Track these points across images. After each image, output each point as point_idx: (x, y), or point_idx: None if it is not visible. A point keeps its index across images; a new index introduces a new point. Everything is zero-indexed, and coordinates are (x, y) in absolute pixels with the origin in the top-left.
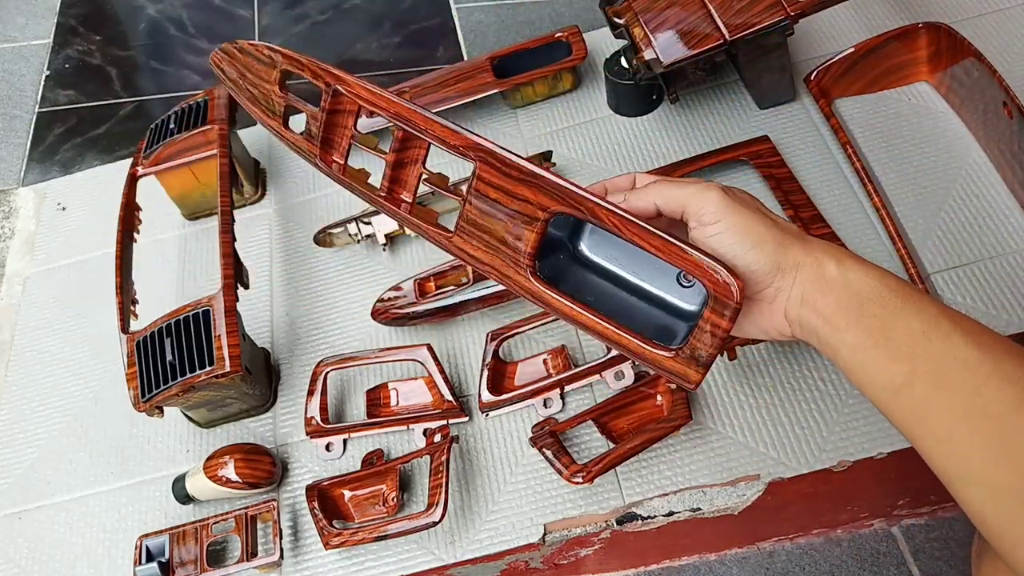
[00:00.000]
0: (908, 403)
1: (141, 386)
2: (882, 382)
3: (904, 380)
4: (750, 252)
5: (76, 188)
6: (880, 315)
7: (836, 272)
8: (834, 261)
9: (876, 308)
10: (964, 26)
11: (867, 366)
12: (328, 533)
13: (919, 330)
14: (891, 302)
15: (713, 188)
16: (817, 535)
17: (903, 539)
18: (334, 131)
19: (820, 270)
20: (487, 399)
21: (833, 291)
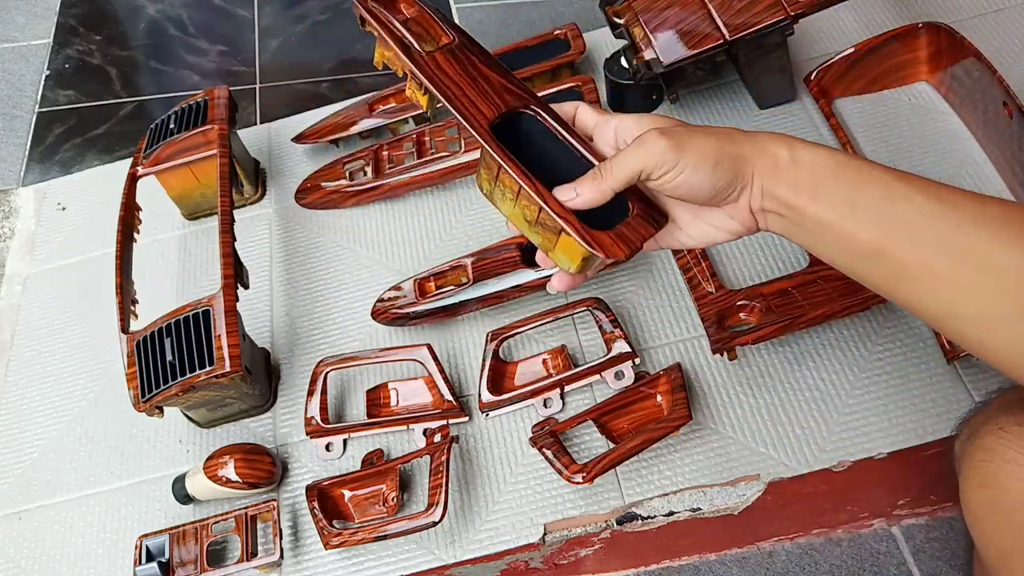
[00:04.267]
0: (886, 264)
1: (141, 386)
2: (856, 250)
3: (877, 245)
4: (711, 176)
5: (76, 188)
6: (840, 189)
7: (789, 159)
8: (784, 147)
9: (833, 184)
10: (964, 26)
11: (839, 239)
12: (328, 533)
13: (881, 195)
14: (844, 176)
15: (654, 138)
16: (817, 535)
17: (903, 539)
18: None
19: (775, 160)
20: (487, 399)
21: (789, 177)
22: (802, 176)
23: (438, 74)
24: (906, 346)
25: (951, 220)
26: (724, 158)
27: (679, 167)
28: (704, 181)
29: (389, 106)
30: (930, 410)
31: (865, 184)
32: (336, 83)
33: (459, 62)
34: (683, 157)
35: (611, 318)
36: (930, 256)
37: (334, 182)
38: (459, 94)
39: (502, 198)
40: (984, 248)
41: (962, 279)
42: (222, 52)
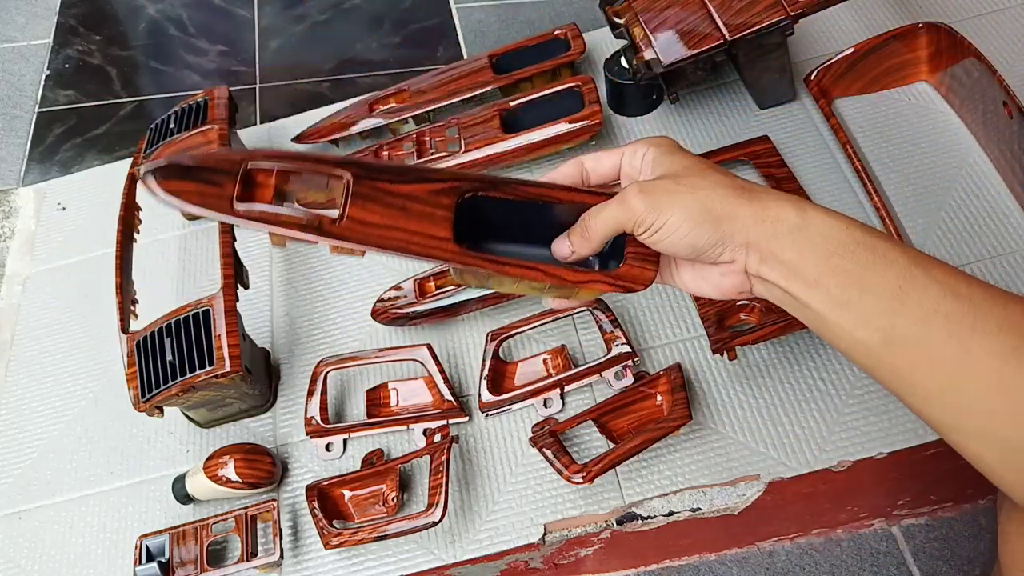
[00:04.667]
0: (891, 361)
1: (141, 386)
2: (860, 339)
3: (884, 338)
4: (691, 235)
5: (76, 188)
6: (850, 269)
7: (797, 225)
8: (794, 212)
9: (843, 262)
10: (964, 26)
11: (843, 324)
12: (328, 533)
13: (894, 284)
14: (859, 254)
15: (632, 196)
16: (817, 535)
17: (903, 539)
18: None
19: (777, 225)
20: (487, 399)
21: (795, 245)
22: (811, 245)
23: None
24: None
25: (966, 323)
26: (707, 218)
27: (655, 226)
28: (682, 241)
29: (389, 106)
30: None
31: (879, 267)
32: (336, 83)
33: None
34: (660, 216)
35: (611, 318)
36: (938, 362)
37: None
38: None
39: (499, 284)
40: (997, 363)
41: (974, 393)
42: (222, 52)
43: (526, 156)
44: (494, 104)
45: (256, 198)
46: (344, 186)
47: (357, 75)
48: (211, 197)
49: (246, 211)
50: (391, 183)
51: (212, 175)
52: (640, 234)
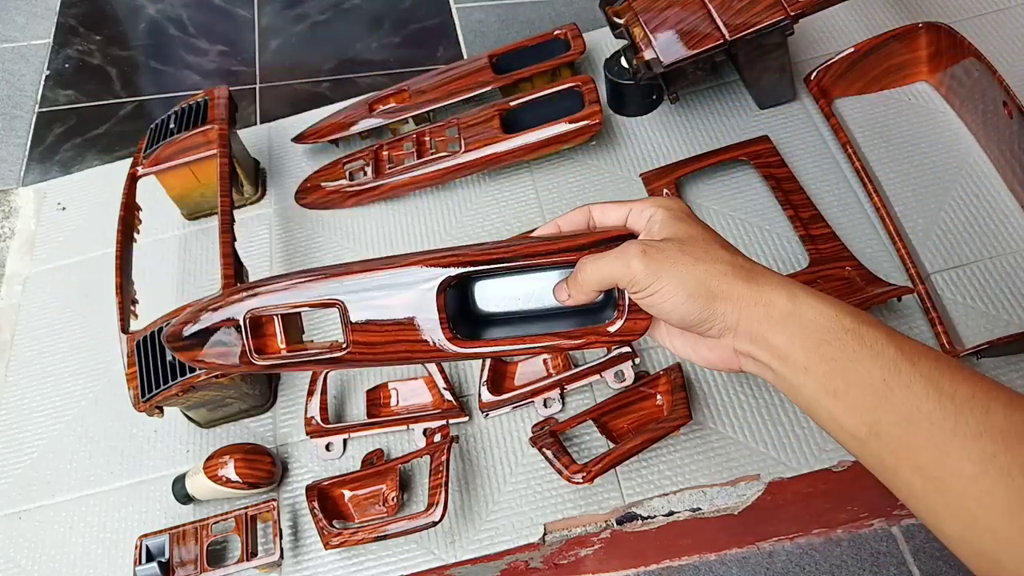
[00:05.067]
0: (876, 455)
1: (141, 386)
2: (848, 429)
3: (870, 431)
4: (683, 306)
5: (76, 188)
6: (838, 359)
7: (788, 310)
8: (784, 297)
9: (832, 351)
10: (964, 26)
11: (831, 411)
12: (328, 533)
13: (880, 378)
14: (848, 344)
15: (633, 256)
16: (817, 535)
17: (903, 539)
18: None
19: (769, 308)
20: (487, 399)
21: (785, 329)
22: (801, 332)
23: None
24: None
25: (947, 426)
26: (702, 292)
27: (649, 290)
28: (673, 311)
29: (389, 106)
30: None
31: (866, 359)
32: (336, 83)
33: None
34: (656, 282)
35: None
36: (921, 463)
37: (334, 182)
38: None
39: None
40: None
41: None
42: (222, 52)
43: (526, 156)
44: (494, 104)
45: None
46: (341, 313)
47: (357, 75)
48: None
49: (266, 363)
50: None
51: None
52: (633, 293)
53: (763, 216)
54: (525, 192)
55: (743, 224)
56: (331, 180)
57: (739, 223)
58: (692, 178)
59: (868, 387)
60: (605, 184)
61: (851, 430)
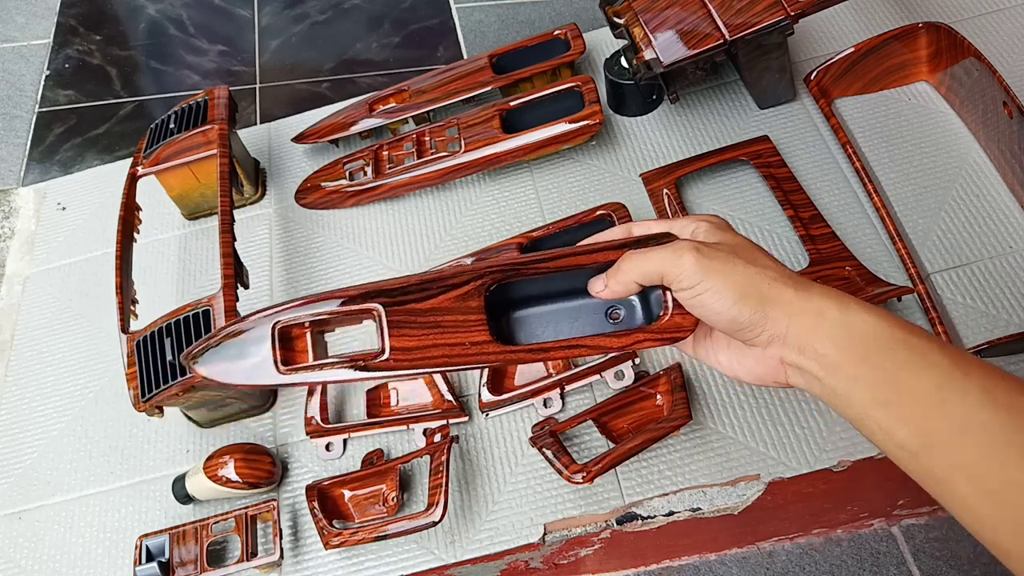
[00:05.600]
0: (927, 466)
1: (141, 386)
2: (899, 441)
3: (922, 442)
4: (732, 307)
5: (76, 188)
6: (888, 368)
7: (838, 319)
8: (835, 306)
9: (882, 360)
10: (964, 26)
11: (881, 423)
12: (328, 533)
13: (932, 386)
14: (898, 353)
15: (686, 251)
16: (817, 535)
17: (903, 539)
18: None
19: (819, 317)
20: (487, 399)
21: (835, 339)
22: (850, 341)
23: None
24: None
25: (1002, 437)
26: (753, 294)
27: (699, 287)
28: (722, 310)
29: (389, 106)
30: None
31: (918, 368)
32: (336, 83)
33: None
34: (707, 279)
35: None
36: (974, 474)
37: (334, 182)
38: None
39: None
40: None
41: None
42: (222, 52)
43: (526, 156)
44: (494, 104)
45: (296, 358)
46: (378, 319)
47: (357, 75)
48: (256, 371)
49: (293, 374)
50: (419, 302)
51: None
52: (681, 290)
53: (763, 216)
54: (525, 192)
55: (743, 224)
56: (331, 180)
57: (739, 223)
58: (692, 178)
59: (921, 397)
60: (605, 184)
61: (902, 441)
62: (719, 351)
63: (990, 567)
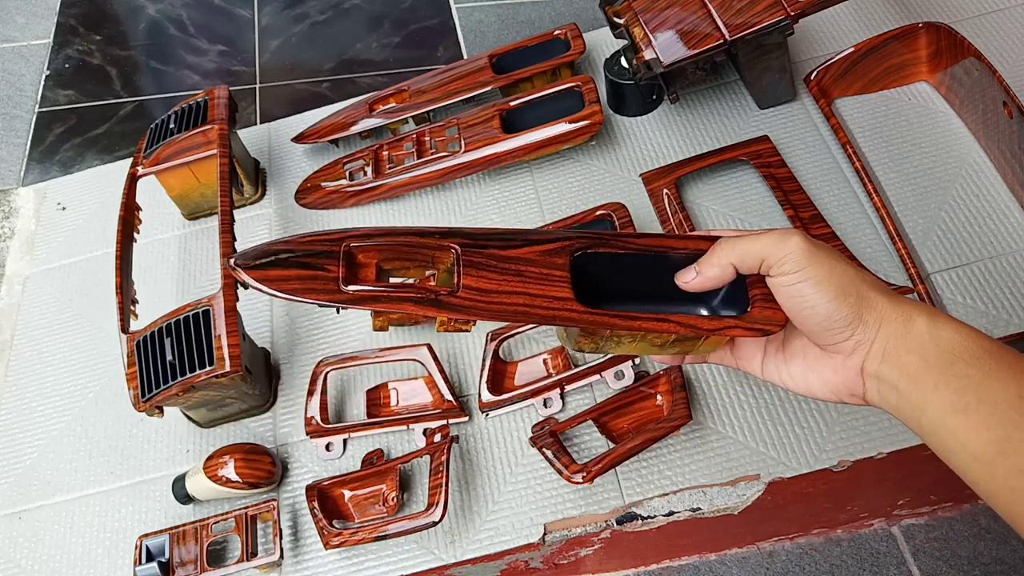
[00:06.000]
0: (1003, 475)
1: (141, 386)
2: (973, 450)
3: (998, 449)
4: (832, 302)
5: (76, 188)
6: (972, 376)
7: (926, 328)
8: (925, 317)
9: (967, 368)
10: (964, 26)
11: (956, 431)
12: (328, 533)
13: (1015, 394)
14: (984, 362)
15: (795, 235)
16: (817, 535)
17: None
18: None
19: (908, 325)
20: (487, 399)
21: (921, 347)
22: (937, 350)
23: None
24: None
25: None
26: (853, 292)
27: (802, 274)
28: (821, 303)
29: (389, 106)
30: None
31: (1003, 376)
32: (336, 83)
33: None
34: (811, 266)
35: None
36: None
37: (334, 182)
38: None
39: (617, 345)
40: None
41: None
42: (222, 52)
43: (526, 156)
44: (494, 104)
45: (361, 278)
46: (454, 257)
47: (357, 75)
48: (315, 282)
49: (357, 293)
50: (501, 249)
51: (312, 259)
52: (781, 275)
53: (763, 216)
54: (525, 192)
55: (743, 224)
56: (331, 180)
57: (739, 223)
58: (692, 178)
59: (1001, 403)
60: (605, 184)
61: (976, 450)
62: (792, 363)
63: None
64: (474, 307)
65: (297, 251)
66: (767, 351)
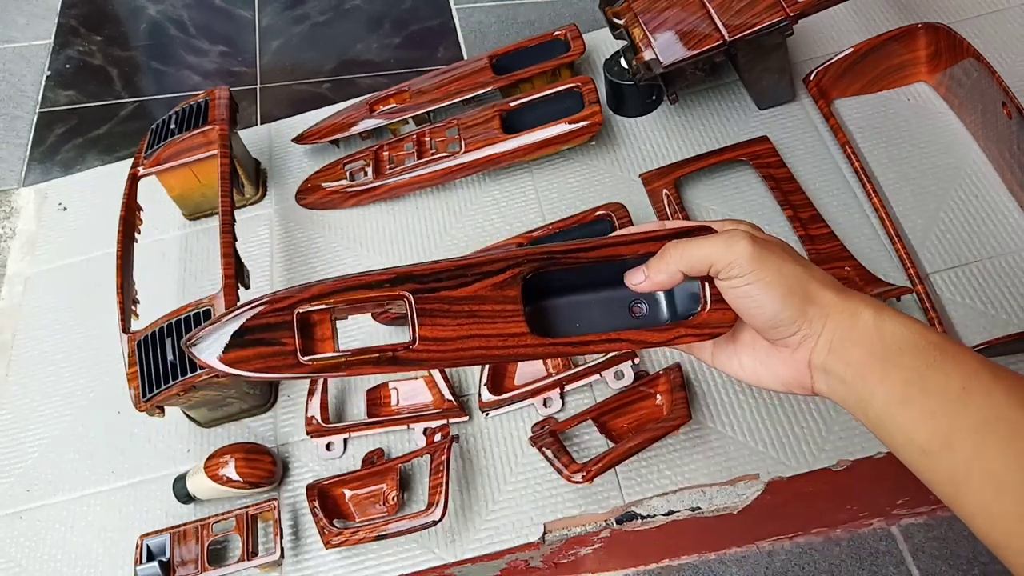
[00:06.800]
0: (947, 466)
1: (142, 386)
2: (918, 442)
3: (942, 441)
4: (778, 302)
5: (77, 188)
6: (917, 367)
7: (872, 321)
8: (871, 310)
9: (912, 360)
10: (964, 26)
11: (901, 422)
12: (328, 532)
13: (959, 385)
14: (928, 354)
15: (742, 240)
16: (816, 534)
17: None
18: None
19: (854, 319)
20: (487, 399)
21: (867, 340)
22: (882, 344)
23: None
24: None
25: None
26: (799, 290)
27: (750, 277)
28: (767, 303)
29: (389, 106)
30: None
31: (947, 368)
32: (336, 84)
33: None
34: (759, 269)
35: None
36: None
37: (334, 182)
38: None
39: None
40: None
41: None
42: (223, 53)
43: (526, 156)
44: (494, 104)
45: (317, 341)
46: (407, 307)
47: (357, 76)
48: (275, 359)
49: (316, 363)
50: (452, 289)
51: (266, 334)
52: (729, 279)
53: (762, 216)
54: (525, 192)
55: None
56: (331, 180)
57: None
58: (692, 178)
59: (946, 394)
60: (605, 184)
61: (921, 442)
62: (742, 355)
63: (989, 566)
64: (432, 359)
65: (251, 327)
66: (717, 341)
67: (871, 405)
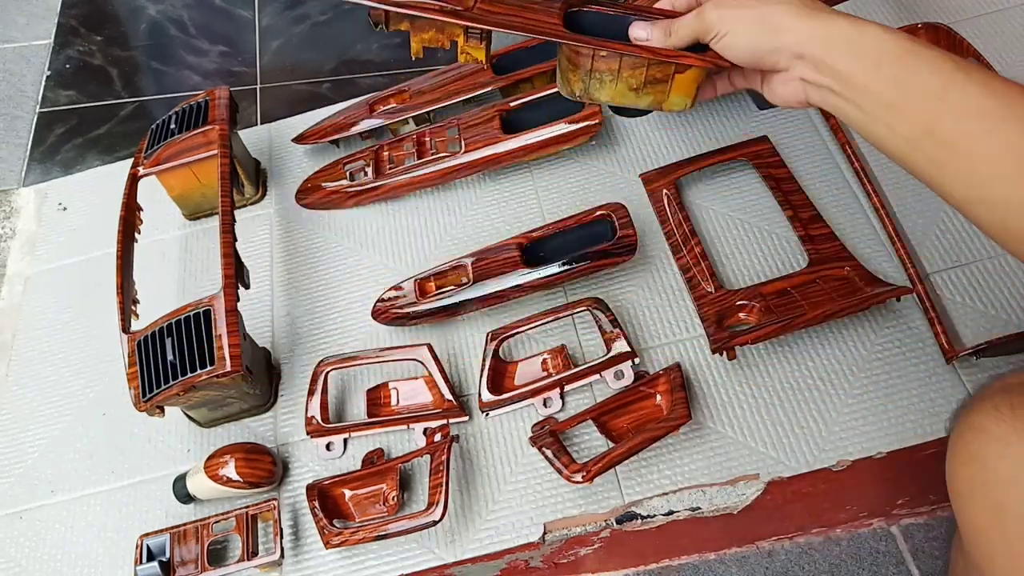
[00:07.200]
0: (930, 149)
1: (142, 386)
2: (903, 133)
3: (925, 129)
4: (751, 41)
5: (77, 188)
6: (897, 74)
7: (851, 35)
8: (848, 24)
9: (893, 68)
10: (964, 26)
11: (887, 118)
12: (328, 532)
13: (937, 84)
14: (907, 60)
15: (707, 10)
16: (816, 534)
17: (902, 538)
18: None
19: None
20: (487, 399)
21: (849, 53)
22: (862, 54)
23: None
24: (905, 346)
25: (999, 114)
26: (766, 28)
27: (721, 32)
28: (744, 47)
29: (389, 106)
30: (929, 410)
31: (925, 72)
32: (336, 83)
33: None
34: (725, 25)
35: (611, 318)
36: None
37: (334, 182)
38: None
39: (600, 86)
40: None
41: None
42: (223, 53)
43: (526, 156)
44: (494, 104)
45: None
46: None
47: (357, 75)
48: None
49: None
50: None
51: None
52: (710, 40)
53: (762, 216)
54: (525, 192)
55: (743, 224)
56: (331, 180)
57: (738, 223)
58: (692, 178)
59: (926, 94)
60: (605, 184)
61: (906, 133)
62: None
63: None
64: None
65: None
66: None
67: (859, 108)
